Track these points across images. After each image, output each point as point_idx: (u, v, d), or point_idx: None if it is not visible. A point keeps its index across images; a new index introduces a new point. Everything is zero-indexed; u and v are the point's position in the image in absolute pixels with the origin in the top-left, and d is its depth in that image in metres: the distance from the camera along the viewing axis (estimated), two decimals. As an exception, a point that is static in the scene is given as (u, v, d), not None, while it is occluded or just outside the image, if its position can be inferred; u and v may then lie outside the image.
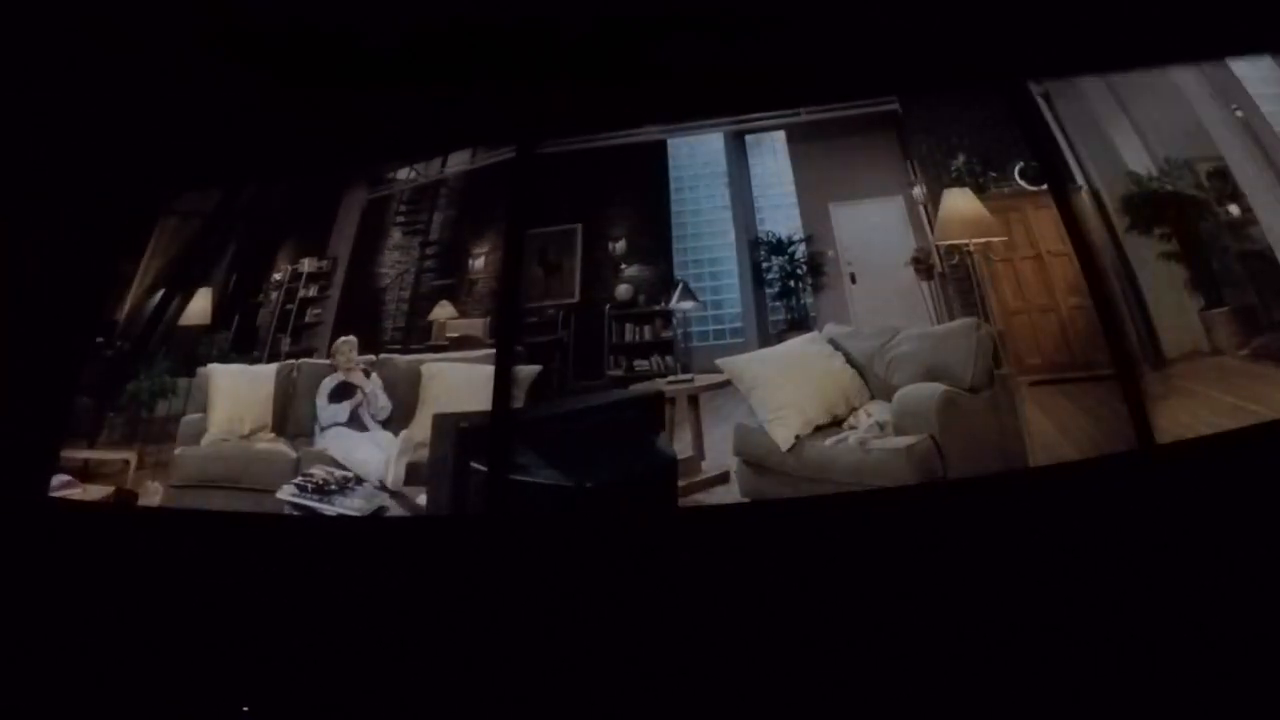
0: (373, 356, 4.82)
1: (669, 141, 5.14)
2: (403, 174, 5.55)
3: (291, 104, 4.36)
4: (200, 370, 4.94)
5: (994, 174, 4.42)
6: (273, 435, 4.81)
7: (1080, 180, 4.20)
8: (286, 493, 4.31)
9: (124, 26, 3.93)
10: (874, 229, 4.61)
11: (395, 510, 4.20)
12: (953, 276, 4.31)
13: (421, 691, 3.29)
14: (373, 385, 4.69)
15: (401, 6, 3.89)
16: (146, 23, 3.92)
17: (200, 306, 5.18)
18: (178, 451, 4.67)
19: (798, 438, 3.96)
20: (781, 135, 5.04)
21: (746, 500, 3.98)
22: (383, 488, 4.27)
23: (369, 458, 4.42)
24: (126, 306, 5.04)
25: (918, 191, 4.51)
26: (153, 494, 4.54)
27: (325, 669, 3.39)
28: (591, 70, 4.14)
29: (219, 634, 3.53)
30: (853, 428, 3.96)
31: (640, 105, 4.44)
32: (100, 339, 4.84)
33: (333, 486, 4.26)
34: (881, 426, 3.88)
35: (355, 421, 4.64)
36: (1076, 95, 4.24)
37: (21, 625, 3.66)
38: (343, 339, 4.87)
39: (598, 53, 4.06)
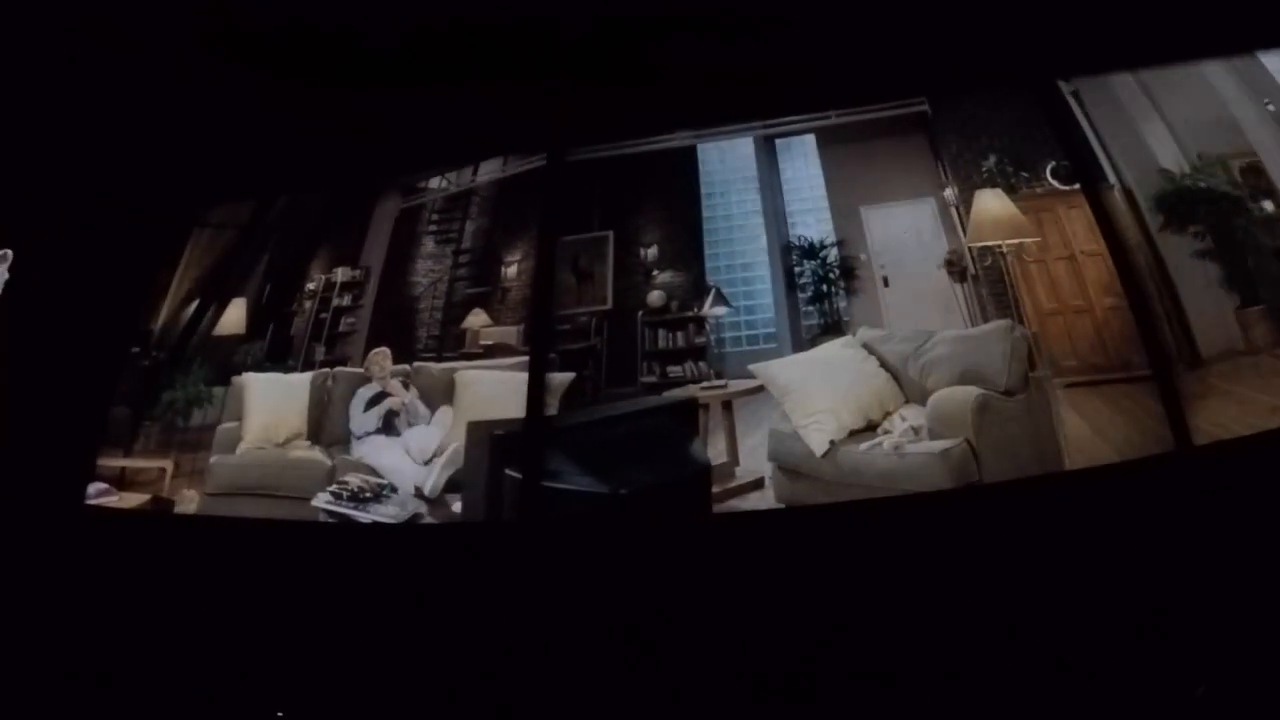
0: (407, 366, 4.87)
1: (699, 147, 5.14)
2: (434, 183, 5.58)
3: (321, 114, 4.40)
4: (235, 379, 4.98)
5: (1025, 174, 4.39)
6: (308, 443, 4.85)
7: (1113, 179, 4.16)
8: (321, 500, 4.35)
9: (138, 34, 3.98)
10: (906, 231, 4.61)
11: (430, 518, 4.25)
12: (986, 278, 4.29)
13: (456, 697, 3.32)
14: (410, 396, 4.73)
15: (428, 11, 3.94)
16: (158, 29, 3.97)
17: (235, 316, 5.25)
18: (213, 460, 4.72)
19: (832, 443, 3.97)
20: (811, 139, 5.04)
21: (782, 506, 3.98)
22: (419, 495, 4.32)
23: (401, 466, 4.46)
24: (162, 317, 5.12)
25: (949, 193, 4.49)
26: (188, 502, 4.59)
27: (359, 675, 3.42)
28: (616, 75, 4.16)
29: (255, 640, 3.58)
30: (887, 432, 3.96)
31: (667, 110, 4.46)
32: (136, 349, 4.92)
33: (368, 494, 4.30)
34: (916, 431, 3.87)
35: (389, 430, 4.68)
36: (1107, 93, 4.19)
37: (60, 632, 3.72)
38: (376, 350, 4.92)
39: (622, 58, 4.08)
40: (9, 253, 4.39)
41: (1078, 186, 4.10)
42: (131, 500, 4.60)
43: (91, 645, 3.68)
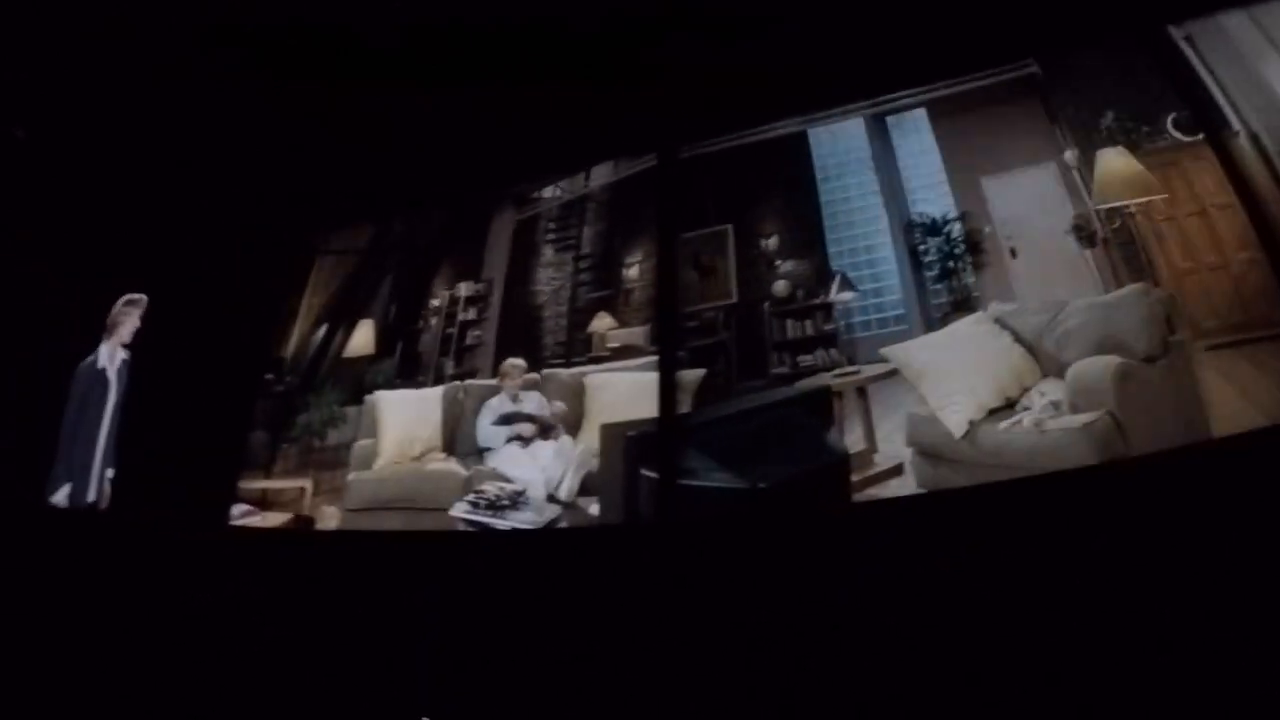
0: (536, 376, 4.99)
1: (809, 132, 5.09)
2: (548, 192, 5.67)
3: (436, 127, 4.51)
4: (368, 398, 5.17)
5: (1146, 128, 4.26)
6: (443, 455, 5.00)
7: (1236, 125, 4.00)
8: (459, 510, 4.48)
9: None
10: (1029, 199, 4.52)
11: (568, 522, 4.38)
12: (1116, 241, 4.19)
13: (605, 701, 3.44)
14: (537, 402, 4.86)
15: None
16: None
17: (363, 338, 5.44)
18: (351, 477, 4.92)
19: (971, 423, 3.94)
20: (923, 113, 4.95)
21: (923, 491, 3.97)
22: (554, 500, 4.45)
23: (533, 476, 4.58)
24: (292, 343, 5.35)
25: (1069, 155, 4.38)
26: (329, 519, 4.81)
27: (506, 681, 3.58)
28: (718, 68, 4.19)
29: (401, 648, 3.75)
30: (1026, 409, 3.91)
31: (775, 96, 4.47)
32: (270, 376, 5.16)
33: (505, 502, 4.43)
34: (1056, 406, 3.82)
35: (517, 439, 4.81)
36: (1221, 34, 4.03)
37: (217, 651, 3.93)
38: (510, 361, 5.04)
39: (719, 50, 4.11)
40: (143, 298, 4.64)
41: (1201, 137, 4.00)
42: (274, 519, 4.81)
43: (245, 661, 3.87)
